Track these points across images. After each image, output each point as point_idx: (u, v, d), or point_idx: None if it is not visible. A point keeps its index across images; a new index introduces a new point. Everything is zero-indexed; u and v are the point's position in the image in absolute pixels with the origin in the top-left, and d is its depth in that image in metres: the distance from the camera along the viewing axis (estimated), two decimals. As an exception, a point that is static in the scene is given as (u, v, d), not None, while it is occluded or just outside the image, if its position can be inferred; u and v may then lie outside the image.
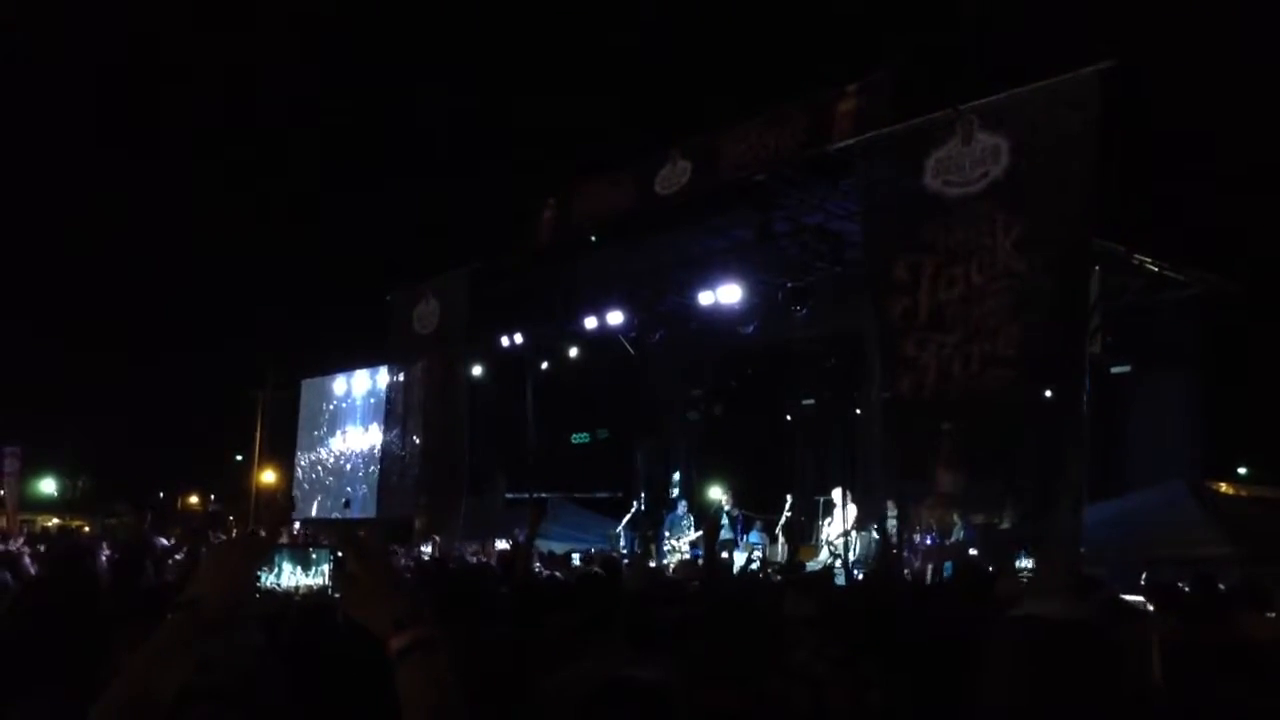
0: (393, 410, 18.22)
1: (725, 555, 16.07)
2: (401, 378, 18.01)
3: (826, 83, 12.20)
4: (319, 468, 25.43)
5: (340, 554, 1.68)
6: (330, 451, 24.99)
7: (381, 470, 18.81)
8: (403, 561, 10.44)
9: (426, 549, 14.75)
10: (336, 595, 1.71)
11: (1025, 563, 10.61)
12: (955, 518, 11.75)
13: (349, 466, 24.05)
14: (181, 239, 41.47)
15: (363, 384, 23.74)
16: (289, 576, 7.36)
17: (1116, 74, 9.19)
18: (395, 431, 18.08)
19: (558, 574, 9.59)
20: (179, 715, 2.42)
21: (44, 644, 2.39)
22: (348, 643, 3.58)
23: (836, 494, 14.59)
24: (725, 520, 16.73)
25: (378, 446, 20.76)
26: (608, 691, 1.75)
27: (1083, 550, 9.07)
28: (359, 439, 23.55)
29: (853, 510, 14.21)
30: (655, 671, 1.88)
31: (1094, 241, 9.99)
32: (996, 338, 9.50)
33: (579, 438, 20.46)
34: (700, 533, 17.09)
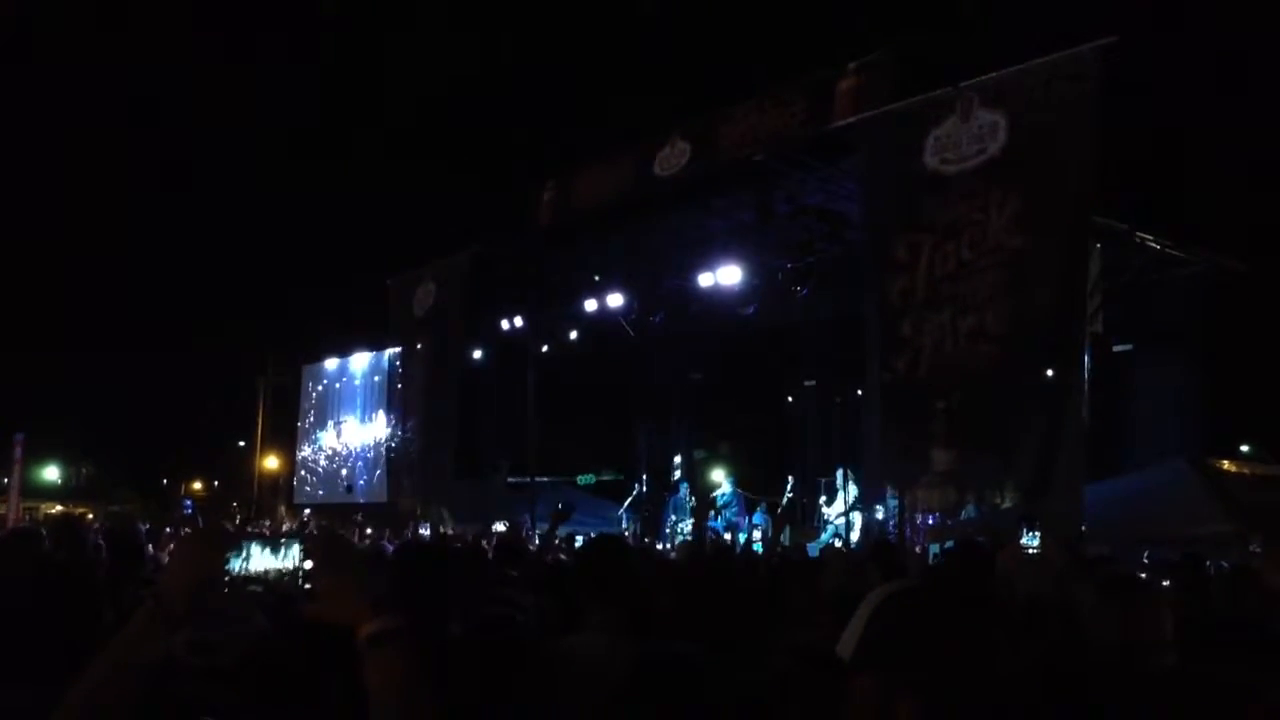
0: (392, 394, 18.24)
1: (728, 536, 16.12)
2: (401, 361, 18.02)
3: (826, 62, 12.13)
4: (321, 453, 25.45)
5: (308, 546, 1.69)
6: (332, 436, 25.01)
7: (383, 454, 18.83)
8: (388, 544, 10.44)
9: (424, 530, 14.77)
10: (306, 585, 1.71)
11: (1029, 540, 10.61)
12: (969, 498, 11.69)
13: (351, 452, 24.06)
14: (183, 225, 41.43)
15: (364, 369, 23.73)
16: (258, 560, 7.41)
17: (1117, 49, 9.13)
18: (394, 415, 18.10)
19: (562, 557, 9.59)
20: (181, 697, 2.41)
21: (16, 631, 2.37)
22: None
23: (839, 475, 14.59)
24: (730, 501, 16.77)
25: (379, 433, 20.79)
26: (649, 663, 1.74)
27: (1084, 529, 9.04)
28: (361, 425, 23.56)
29: (854, 491, 14.20)
30: (686, 646, 1.87)
31: (1096, 219, 9.94)
32: (986, 313, 9.47)
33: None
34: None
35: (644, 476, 19.01)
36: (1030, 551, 9.45)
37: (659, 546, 15.01)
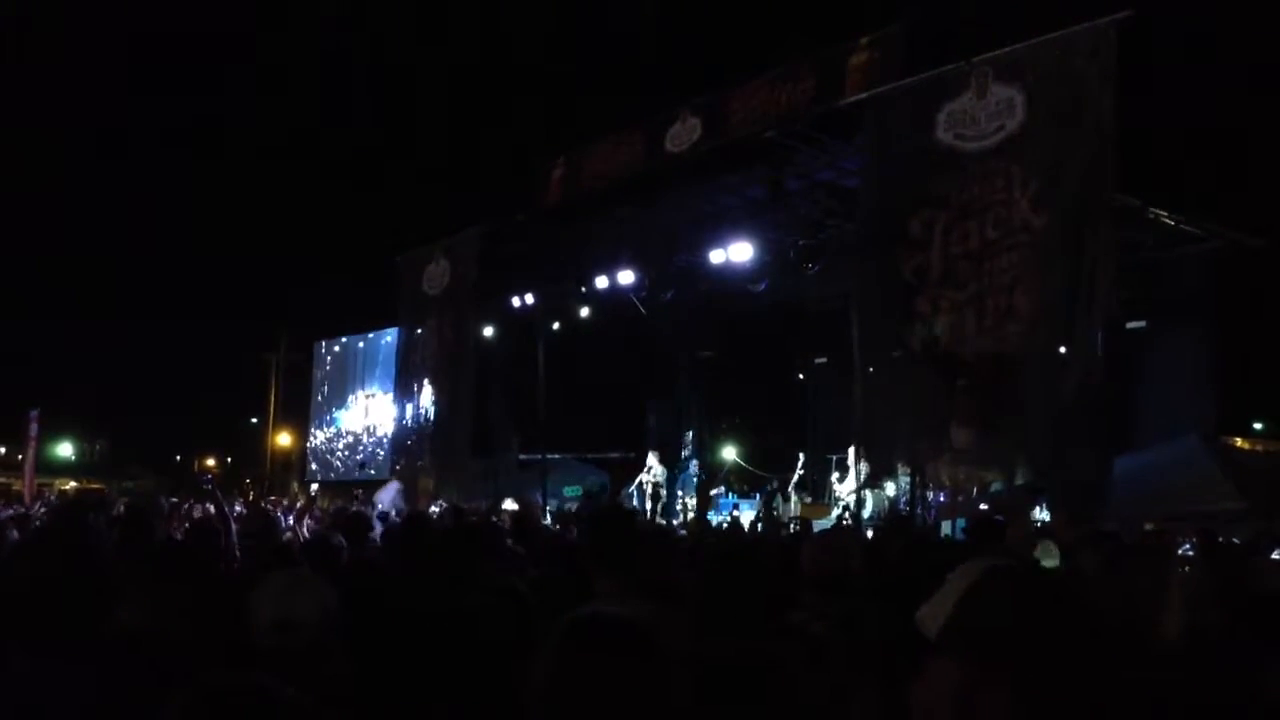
0: (404, 371, 18.26)
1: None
2: (413, 339, 18.03)
3: (837, 36, 12.05)
4: (336, 431, 25.55)
5: None
6: (345, 414, 25.10)
7: (394, 431, 18.88)
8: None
9: (435, 508, 14.79)
10: None
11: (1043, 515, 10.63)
12: (990, 475, 11.69)
13: (364, 429, 24.15)
14: (197, 204, 41.51)
15: (377, 346, 23.77)
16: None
17: (1134, 24, 9.03)
18: (406, 392, 18.13)
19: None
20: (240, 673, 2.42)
21: (39, 602, 2.38)
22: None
23: (850, 452, 14.58)
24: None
25: (392, 410, 20.85)
26: (580, 625, 1.70)
27: (1104, 503, 9.03)
28: (374, 401, 23.64)
29: (865, 468, 14.19)
30: (637, 609, 1.83)
31: (1110, 195, 9.86)
32: (1013, 294, 9.40)
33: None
34: (714, 492, 17.21)
35: (655, 453, 19.05)
36: (1037, 525, 9.47)
37: (671, 522, 15.05)
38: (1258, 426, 18.94)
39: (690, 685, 1.73)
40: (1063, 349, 9.46)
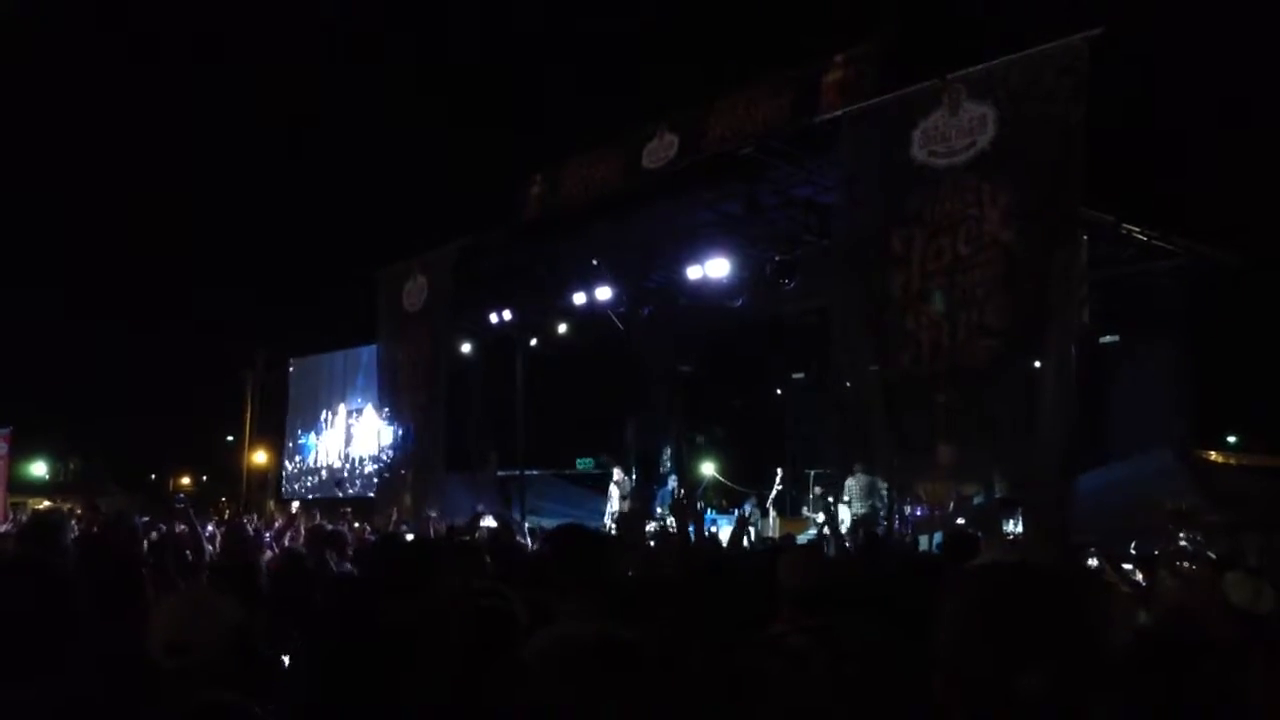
0: (382, 388, 18.16)
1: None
2: (391, 355, 17.94)
3: (813, 54, 12.13)
4: (310, 448, 25.34)
5: None
6: (322, 437, 24.90)
7: (373, 449, 18.77)
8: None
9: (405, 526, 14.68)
10: None
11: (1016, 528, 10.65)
12: (972, 490, 11.70)
13: (347, 456, 23.96)
14: (172, 221, 41.27)
15: (354, 363, 23.61)
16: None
17: (1105, 41, 9.12)
18: (384, 409, 18.04)
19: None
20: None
21: (10, 633, 2.36)
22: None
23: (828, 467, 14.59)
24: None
25: (367, 427, 20.74)
26: (594, 647, 1.71)
27: (1070, 518, 9.07)
28: (358, 422, 23.47)
29: (850, 484, 14.21)
30: (633, 631, 1.84)
31: (1083, 211, 9.94)
32: (984, 308, 9.46)
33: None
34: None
35: (633, 469, 19.02)
36: (1010, 538, 9.50)
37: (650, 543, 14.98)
38: (1231, 440, 19.11)
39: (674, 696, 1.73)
40: (1038, 363, 9.53)
